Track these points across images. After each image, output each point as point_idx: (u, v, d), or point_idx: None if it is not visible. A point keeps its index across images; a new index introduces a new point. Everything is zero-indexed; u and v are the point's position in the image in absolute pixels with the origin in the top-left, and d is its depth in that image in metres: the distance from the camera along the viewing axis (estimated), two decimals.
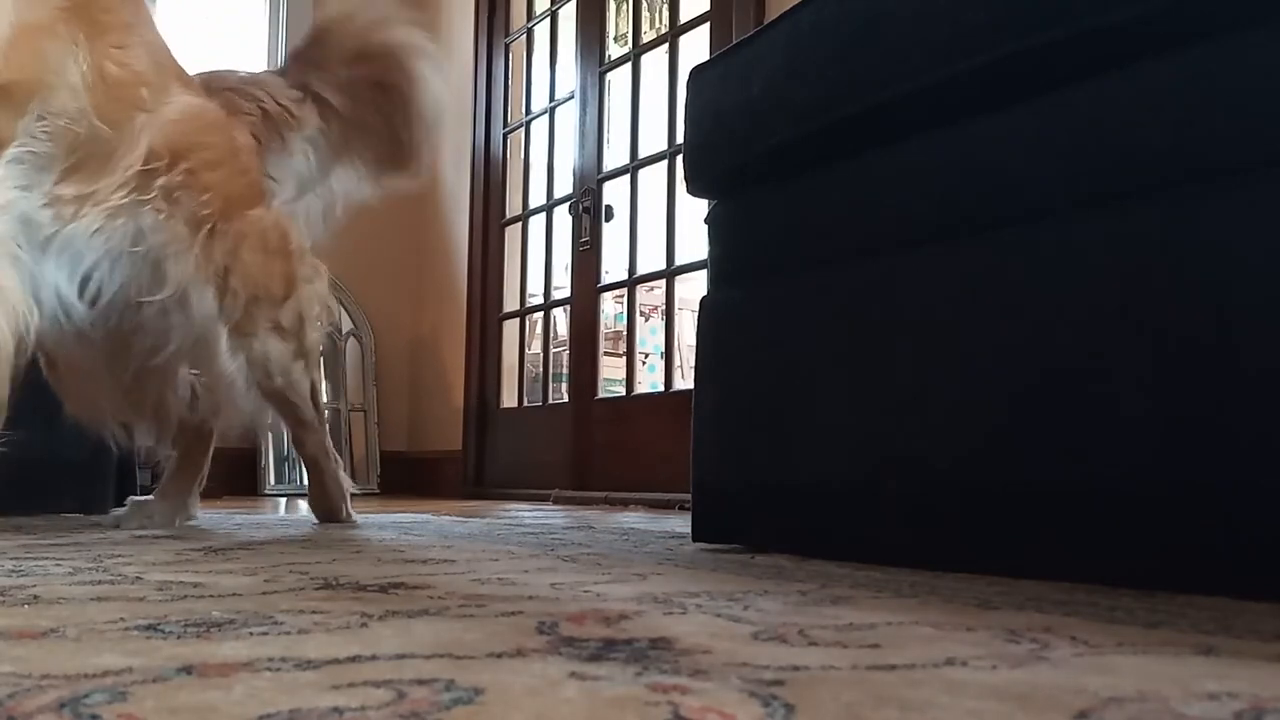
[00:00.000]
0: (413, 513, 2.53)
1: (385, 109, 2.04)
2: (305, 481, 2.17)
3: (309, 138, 1.98)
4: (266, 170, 1.90)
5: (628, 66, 3.72)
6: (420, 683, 0.53)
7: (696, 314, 1.62)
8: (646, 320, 4.64)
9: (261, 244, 1.75)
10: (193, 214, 1.63)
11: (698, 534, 1.53)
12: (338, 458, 2.04)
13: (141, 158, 1.53)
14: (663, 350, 3.78)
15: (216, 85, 1.84)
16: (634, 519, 2.38)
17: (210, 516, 2.05)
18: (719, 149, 1.56)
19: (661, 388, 3.58)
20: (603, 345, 3.95)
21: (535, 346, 4.37)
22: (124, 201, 1.51)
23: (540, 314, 4.23)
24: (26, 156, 1.39)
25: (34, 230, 1.43)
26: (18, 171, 1.39)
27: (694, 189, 1.65)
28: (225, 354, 1.74)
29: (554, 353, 4.28)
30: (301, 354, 1.87)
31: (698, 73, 1.62)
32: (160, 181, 1.56)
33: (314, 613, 0.77)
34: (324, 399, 2.10)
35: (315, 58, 2.02)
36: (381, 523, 2.01)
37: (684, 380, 3.79)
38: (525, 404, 4.17)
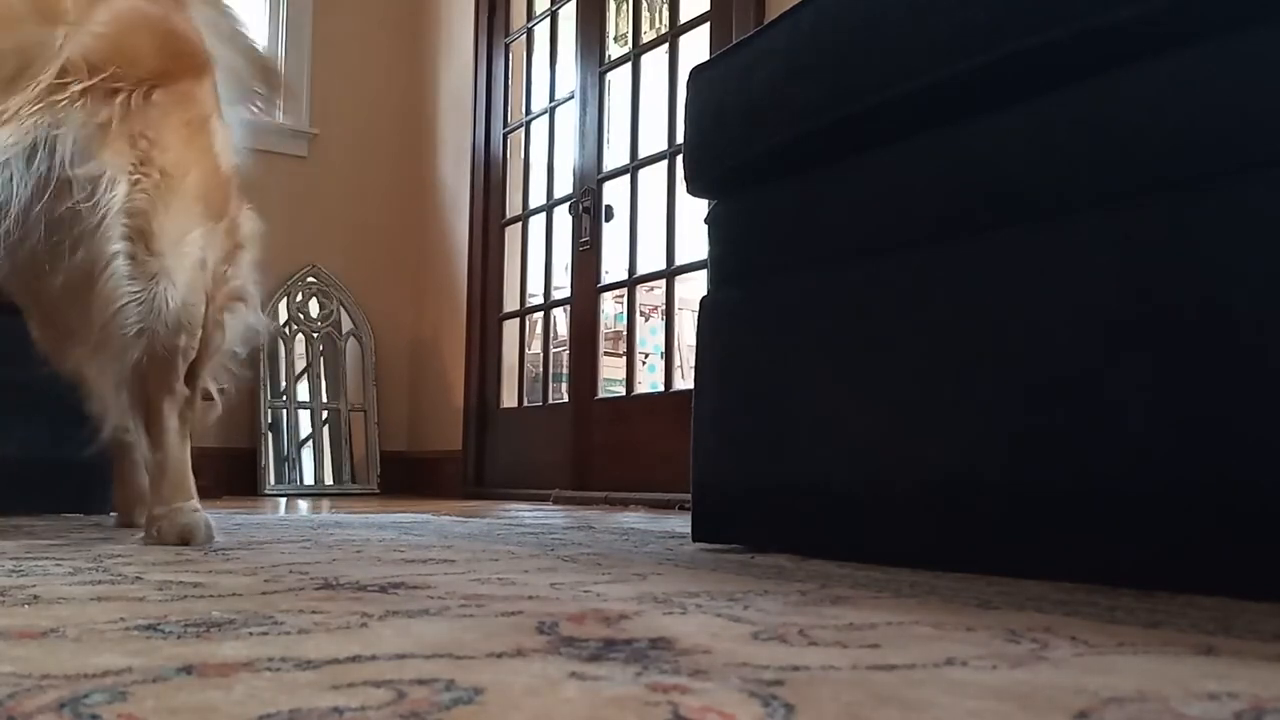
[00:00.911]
0: (413, 513, 2.53)
1: None
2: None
3: None
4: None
5: (628, 66, 3.72)
6: (420, 683, 0.53)
7: (696, 314, 1.62)
8: (646, 320, 4.64)
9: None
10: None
11: (698, 534, 1.53)
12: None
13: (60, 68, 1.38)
14: (663, 350, 3.78)
15: None
16: (634, 519, 2.38)
17: (211, 517, 2.04)
18: (719, 149, 1.56)
19: (661, 388, 3.58)
20: (603, 345, 3.95)
21: (535, 346, 4.37)
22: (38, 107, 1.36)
23: (540, 314, 4.23)
24: None
25: None
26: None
27: (694, 189, 1.65)
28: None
29: (554, 353, 4.28)
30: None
31: (698, 73, 1.62)
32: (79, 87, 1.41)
33: (314, 613, 0.77)
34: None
35: None
36: (381, 523, 2.01)
37: (684, 380, 3.79)
38: (525, 404, 4.17)
